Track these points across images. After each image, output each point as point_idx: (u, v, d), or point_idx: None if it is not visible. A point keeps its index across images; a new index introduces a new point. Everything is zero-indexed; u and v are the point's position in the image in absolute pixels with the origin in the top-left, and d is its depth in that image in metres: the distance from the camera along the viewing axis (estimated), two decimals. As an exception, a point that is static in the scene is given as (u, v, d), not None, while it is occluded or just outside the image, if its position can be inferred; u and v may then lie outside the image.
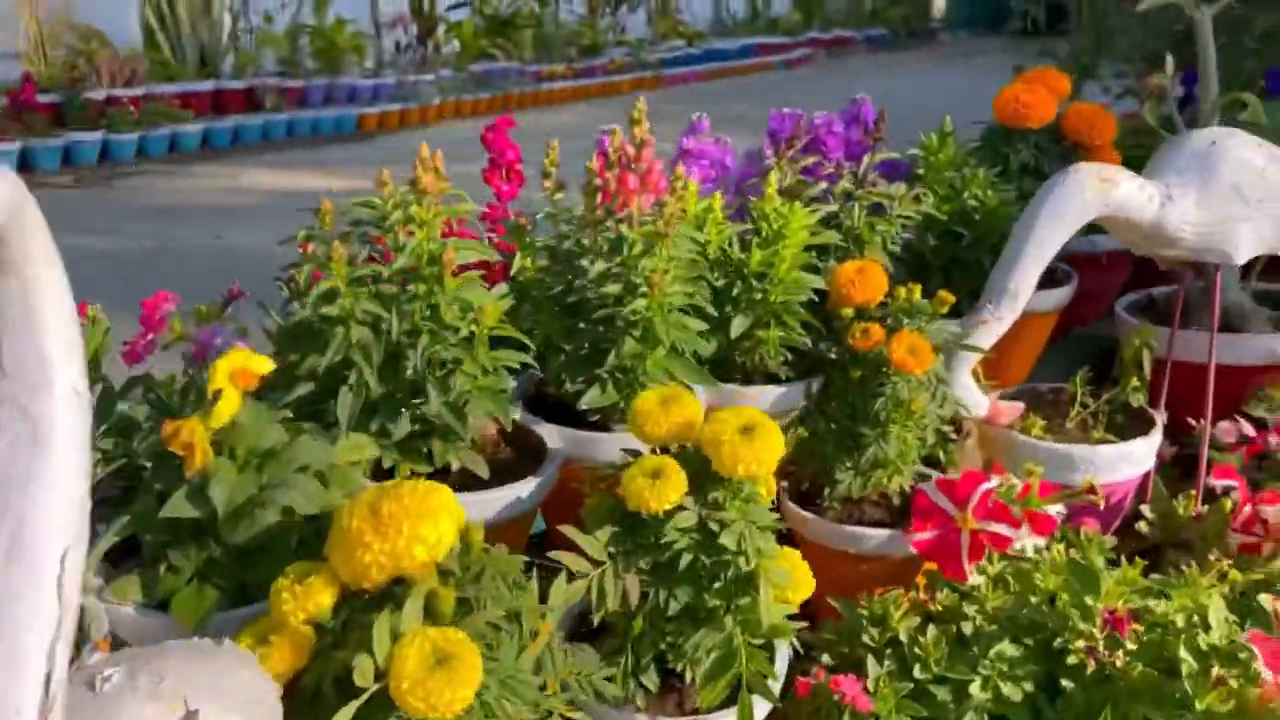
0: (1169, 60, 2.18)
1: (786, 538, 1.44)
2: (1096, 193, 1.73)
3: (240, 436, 1.10)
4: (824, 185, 1.88)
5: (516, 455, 1.47)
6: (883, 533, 1.60)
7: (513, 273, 1.48)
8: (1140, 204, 1.76)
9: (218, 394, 1.08)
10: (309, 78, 7.61)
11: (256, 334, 1.90)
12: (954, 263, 2.02)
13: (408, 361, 1.25)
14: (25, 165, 5.83)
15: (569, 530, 1.19)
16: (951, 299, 1.65)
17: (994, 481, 1.56)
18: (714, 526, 1.19)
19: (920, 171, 2.03)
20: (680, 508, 1.19)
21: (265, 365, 1.13)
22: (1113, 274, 2.45)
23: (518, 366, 1.36)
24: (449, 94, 8.24)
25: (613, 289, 1.43)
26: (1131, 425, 1.95)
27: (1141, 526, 1.98)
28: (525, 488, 1.33)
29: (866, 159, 1.91)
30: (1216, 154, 1.79)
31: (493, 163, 1.89)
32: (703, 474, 1.23)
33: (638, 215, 1.45)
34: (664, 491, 1.17)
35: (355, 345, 1.22)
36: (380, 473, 1.33)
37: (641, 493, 1.17)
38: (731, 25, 12.96)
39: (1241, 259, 1.82)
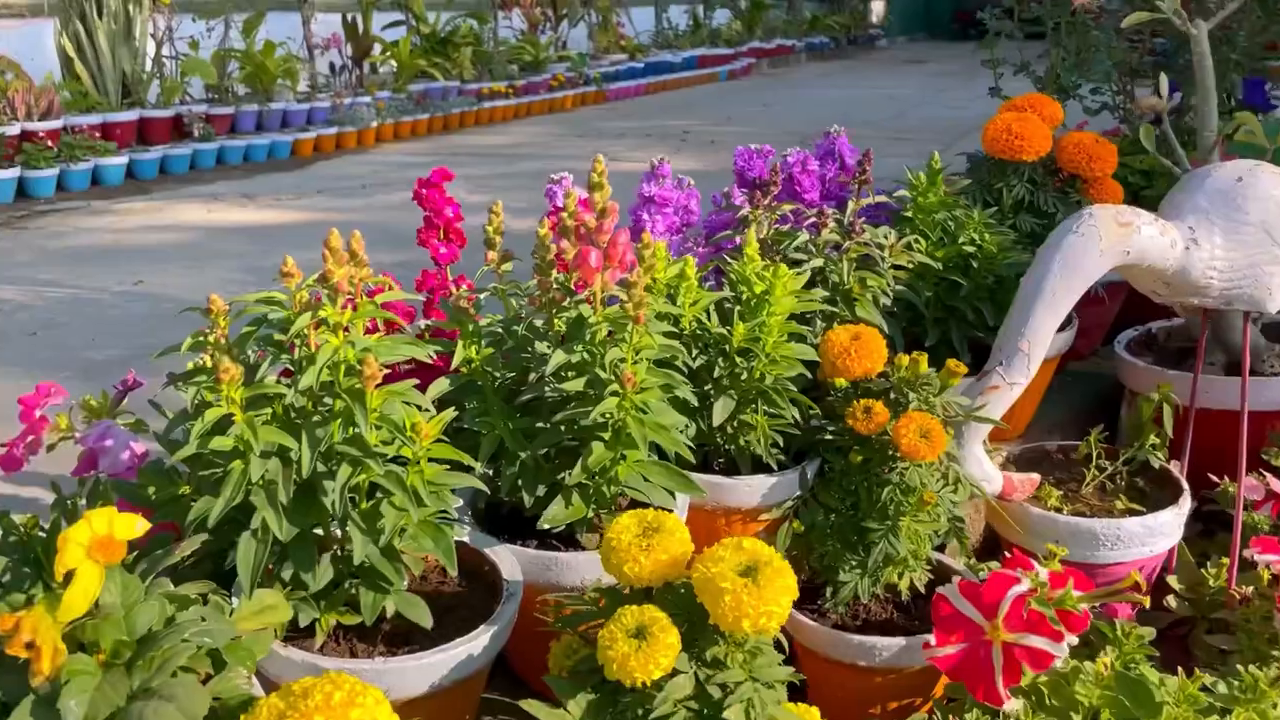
0: (1163, 79, 1.99)
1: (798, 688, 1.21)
2: (1115, 240, 1.53)
3: (104, 627, 0.85)
4: (804, 235, 1.67)
5: (465, 586, 1.23)
6: (896, 642, 1.39)
7: (455, 364, 1.24)
8: (1162, 249, 1.56)
9: (69, 577, 0.83)
10: (239, 104, 7.27)
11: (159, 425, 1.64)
12: (950, 314, 1.81)
13: (325, 496, 1.01)
14: (-68, 206, 5.46)
15: (533, 707, 0.95)
16: (963, 370, 1.43)
17: (1025, 584, 1.34)
18: (714, 693, 0.96)
19: (908, 213, 1.82)
20: (673, 671, 0.96)
21: (132, 527, 0.87)
22: (1108, 306, 2.26)
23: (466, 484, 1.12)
24: (387, 116, 7.95)
25: (575, 385, 1.19)
26: (1155, 490, 1.75)
27: (1170, 601, 1.79)
28: (477, 642, 1.09)
29: (851, 204, 1.69)
30: (1242, 191, 1.60)
31: (428, 222, 1.64)
32: (697, 624, 1.00)
33: (600, 295, 1.22)
34: (652, 657, 0.94)
35: (257, 484, 0.97)
36: (296, 629, 1.08)
37: (625, 661, 0.94)
38: (673, 37, 12.82)
39: (1275, 307, 1.63)
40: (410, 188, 1.60)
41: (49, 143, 6.11)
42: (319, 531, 1.09)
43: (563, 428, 1.22)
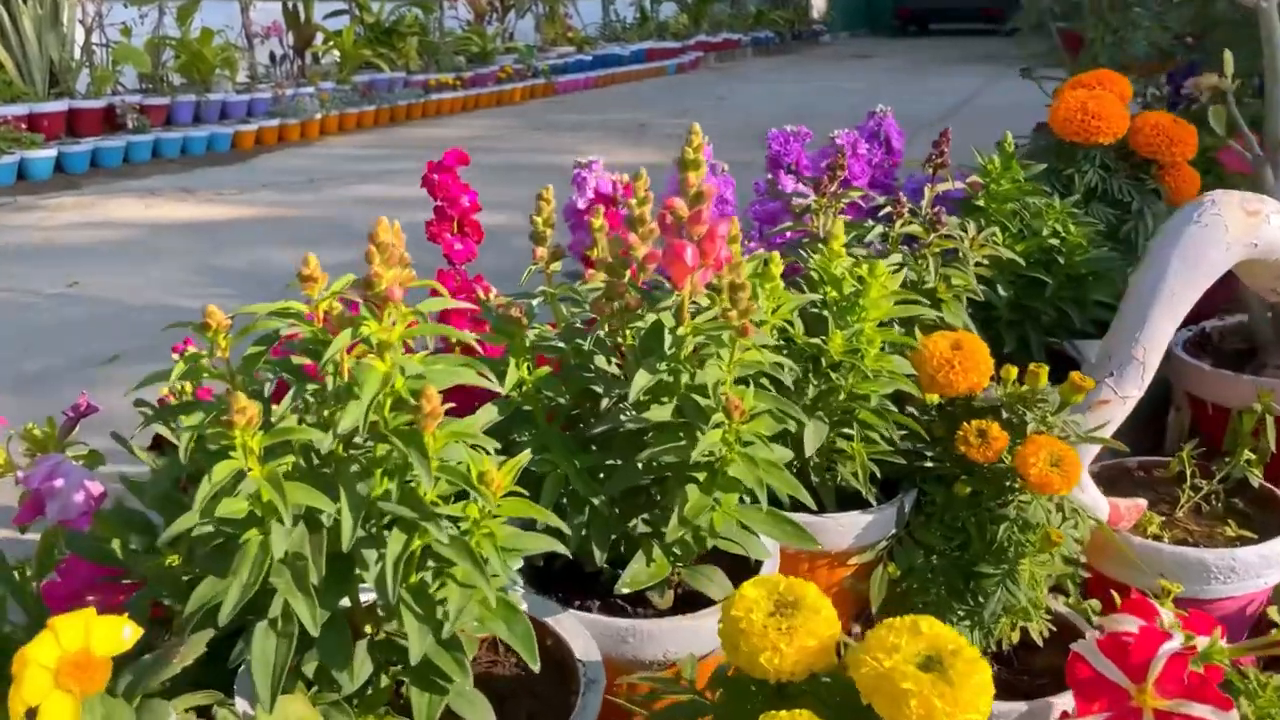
0: (1227, 56, 1.80)
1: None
2: (1242, 230, 1.33)
3: (79, 781, 0.59)
4: (879, 229, 1.44)
5: (520, 665, 0.98)
6: (1015, 707, 1.17)
7: (506, 390, 0.99)
8: (1292, 242, 1.37)
9: (32, 715, 0.57)
10: (175, 94, 6.87)
11: (117, 459, 1.36)
12: (1026, 316, 1.60)
13: (368, 571, 0.76)
14: None
15: None
16: (1090, 384, 1.22)
17: (1177, 640, 1.13)
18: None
19: (978, 202, 1.60)
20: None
21: (117, 637, 0.62)
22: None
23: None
24: (331, 107, 7.60)
25: (661, 413, 0.95)
26: (1258, 513, 1.56)
27: (1277, 635, 1.60)
28: (560, 754, 0.84)
29: (928, 190, 1.47)
30: (1374, 175, 1.42)
31: (440, 213, 1.39)
32: (858, 730, 0.77)
33: (687, 301, 0.98)
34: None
35: (280, 562, 0.72)
36: (326, 742, 0.83)
37: (784, 791, 0.70)
38: (620, 30, 12.62)
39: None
40: (360, 181, 1.35)
41: (-31, 134, 5.70)
42: (345, 603, 0.84)
43: (640, 464, 0.98)
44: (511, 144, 6.75)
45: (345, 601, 0.85)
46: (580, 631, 0.98)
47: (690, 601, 1.09)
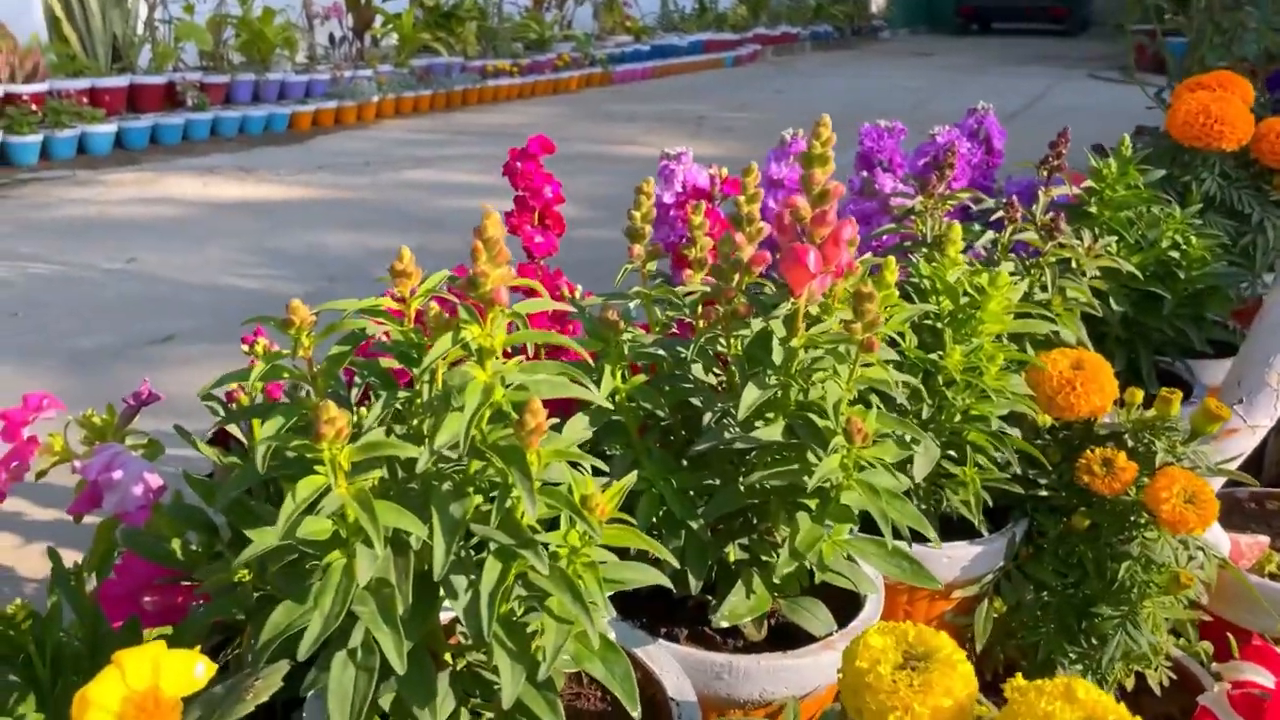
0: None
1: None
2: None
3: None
4: (989, 235, 1.34)
5: (607, 700, 0.90)
6: (1130, 761, 1.07)
7: (603, 394, 0.91)
8: None
9: (90, 768, 0.50)
10: (235, 73, 6.88)
11: (171, 443, 1.30)
12: (1137, 334, 1.49)
13: (456, 599, 0.68)
14: (-96, 171, 5.09)
15: None
16: (1226, 414, 1.11)
17: (1321, 700, 1.03)
18: None
19: (1092, 209, 1.50)
20: None
21: (189, 673, 0.55)
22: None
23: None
24: (388, 90, 7.58)
25: (771, 431, 0.86)
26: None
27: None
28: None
29: (1042, 195, 1.37)
30: None
31: (520, 203, 1.31)
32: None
33: (803, 310, 0.89)
34: None
35: (364, 589, 0.65)
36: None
37: None
38: (679, 20, 12.52)
39: None
40: (415, 166, 1.27)
41: (33, 107, 5.73)
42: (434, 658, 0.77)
43: (742, 487, 0.90)
44: (568, 133, 6.68)
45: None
46: (672, 666, 0.90)
47: (784, 634, 1.00)
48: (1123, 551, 1.09)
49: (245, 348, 0.94)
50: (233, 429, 1.10)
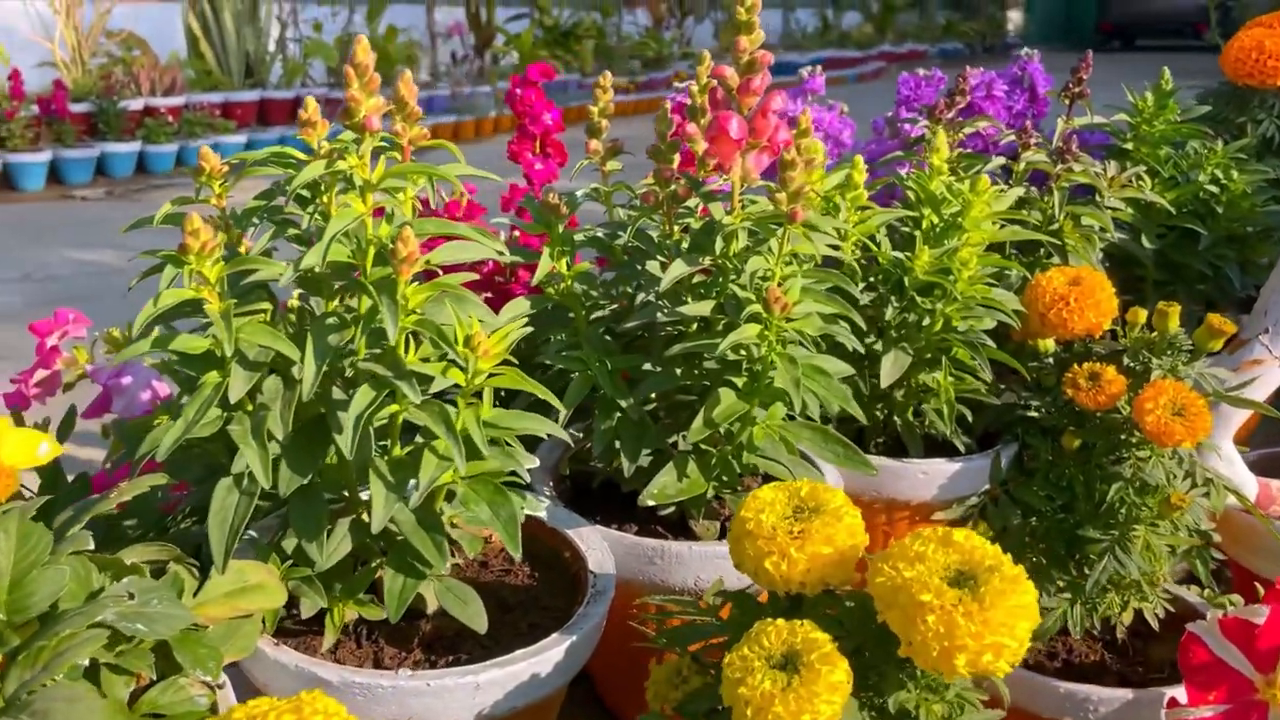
0: None
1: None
2: None
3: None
4: (998, 160, 1.29)
5: (539, 579, 0.90)
6: (1118, 695, 1.01)
7: (536, 280, 0.91)
8: None
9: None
10: (359, 88, 7.19)
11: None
12: (1176, 275, 1.41)
13: (338, 435, 0.69)
14: (55, 176, 5.47)
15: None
16: (1230, 328, 1.04)
17: (1321, 627, 0.95)
18: (899, 763, 0.61)
19: (1126, 144, 1.43)
20: (835, 724, 0.61)
21: (31, 450, 0.57)
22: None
23: (542, 436, 0.79)
24: (505, 107, 7.79)
25: (699, 308, 0.85)
26: None
27: None
28: (547, 656, 0.75)
29: (1061, 122, 1.31)
30: None
31: (522, 130, 1.33)
32: (874, 653, 0.65)
33: (739, 186, 0.88)
34: (807, 699, 0.59)
35: (240, 410, 0.67)
36: (297, 623, 0.77)
37: (765, 703, 0.59)
38: (800, 38, 12.47)
39: None
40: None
41: (170, 119, 6.09)
42: (343, 492, 0.78)
43: (678, 369, 0.89)
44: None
45: (343, 491, 0.79)
46: (599, 545, 0.89)
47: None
48: (1113, 472, 1.03)
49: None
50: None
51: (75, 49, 6.36)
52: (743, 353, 0.84)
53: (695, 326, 0.88)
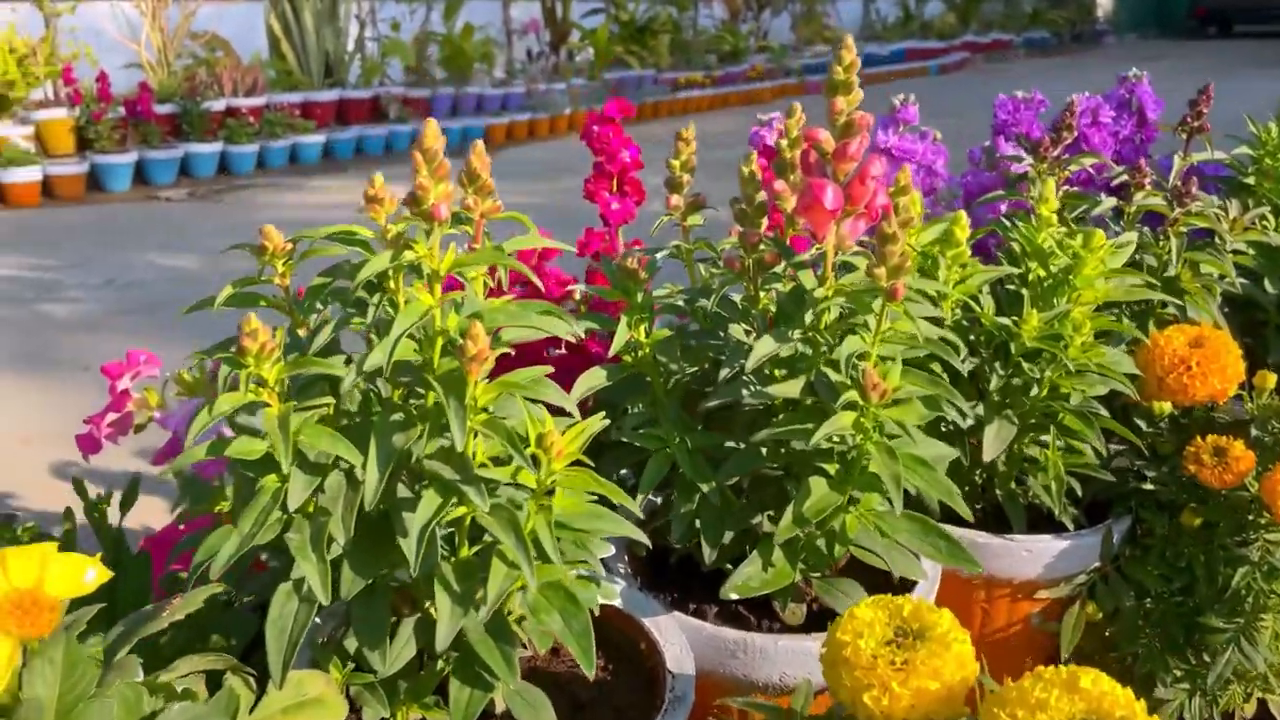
0: None
1: None
2: None
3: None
4: (1108, 202, 1.20)
5: (612, 671, 0.85)
6: (1243, 800, 0.92)
7: (613, 352, 0.86)
8: None
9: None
10: (435, 87, 7.23)
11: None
12: (1303, 322, 1.30)
13: (402, 540, 0.65)
14: (140, 177, 5.58)
15: None
16: (1376, 400, 0.95)
17: None
18: None
19: (1247, 179, 1.32)
20: None
21: (78, 579, 0.53)
22: None
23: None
24: (581, 103, 7.76)
25: (788, 388, 0.79)
26: None
27: None
28: (620, 781, 0.70)
29: (1177, 159, 1.22)
30: None
31: (599, 169, 1.28)
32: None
33: (833, 255, 0.81)
34: None
35: (300, 515, 0.62)
36: (359, 729, 0.73)
37: None
38: (880, 29, 12.23)
39: None
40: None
41: (251, 119, 6.18)
42: (401, 584, 0.74)
43: (764, 451, 0.83)
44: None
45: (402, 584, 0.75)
46: (678, 639, 0.83)
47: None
48: (1239, 555, 0.95)
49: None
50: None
51: (161, 50, 6.48)
52: (836, 441, 0.78)
53: (784, 410, 0.82)
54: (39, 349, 2.87)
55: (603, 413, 0.69)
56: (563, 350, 1.02)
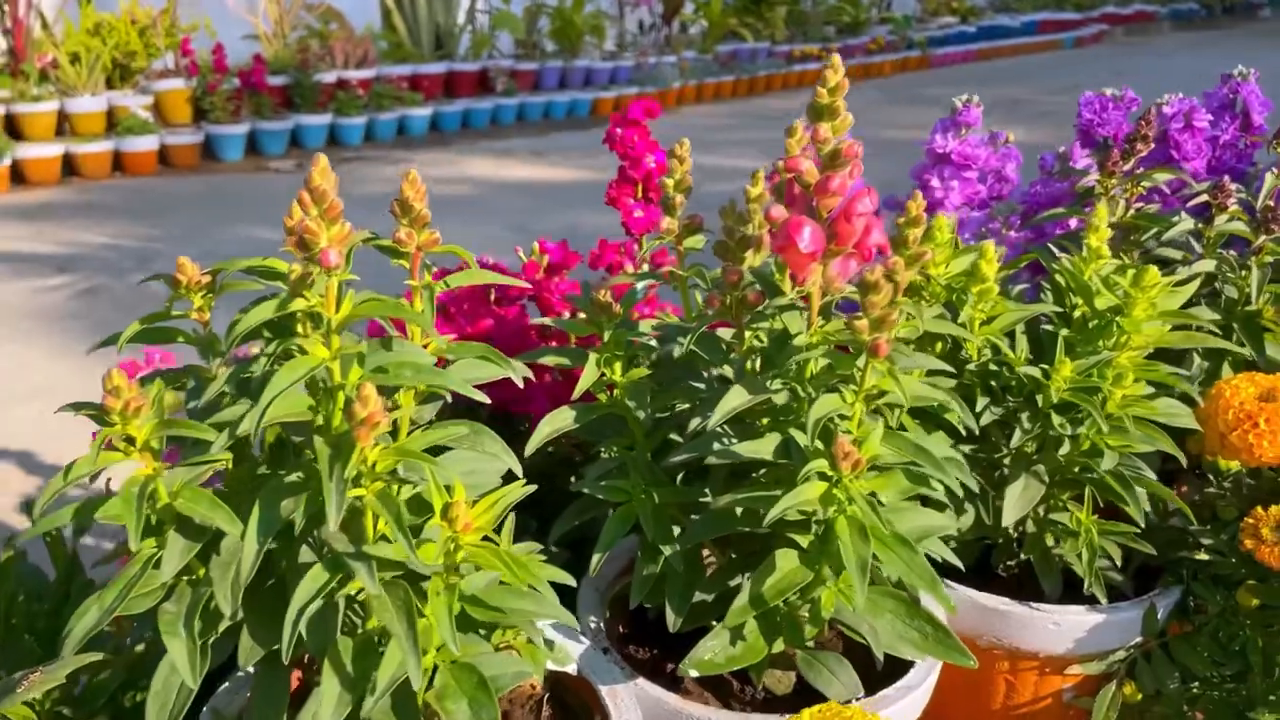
0: None
1: None
2: None
3: None
4: (1185, 224, 1.07)
5: (564, 738, 0.78)
6: None
7: (577, 394, 0.78)
8: None
9: None
10: (544, 60, 7.19)
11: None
12: None
13: (292, 614, 0.59)
14: (252, 147, 5.71)
15: None
16: None
17: None
18: None
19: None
20: None
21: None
22: None
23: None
24: (690, 77, 7.62)
25: (761, 447, 0.70)
26: None
27: None
28: None
29: (1270, 177, 1.07)
30: None
31: (622, 174, 1.20)
32: None
33: (818, 298, 0.72)
34: None
35: (186, 582, 0.57)
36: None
37: None
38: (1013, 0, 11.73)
39: None
40: (700, 150, 1.16)
41: (360, 91, 6.25)
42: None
43: (739, 513, 0.74)
44: (862, 118, 6.39)
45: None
46: (633, 715, 0.76)
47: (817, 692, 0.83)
48: (1303, 647, 0.82)
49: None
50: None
51: (278, 23, 6.61)
52: (807, 513, 0.69)
53: (757, 464, 0.73)
54: (121, 326, 2.95)
55: (523, 480, 0.61)
56: (552, 380, 0.95)
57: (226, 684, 0.73)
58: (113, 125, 5.17)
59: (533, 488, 0.64)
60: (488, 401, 0.62)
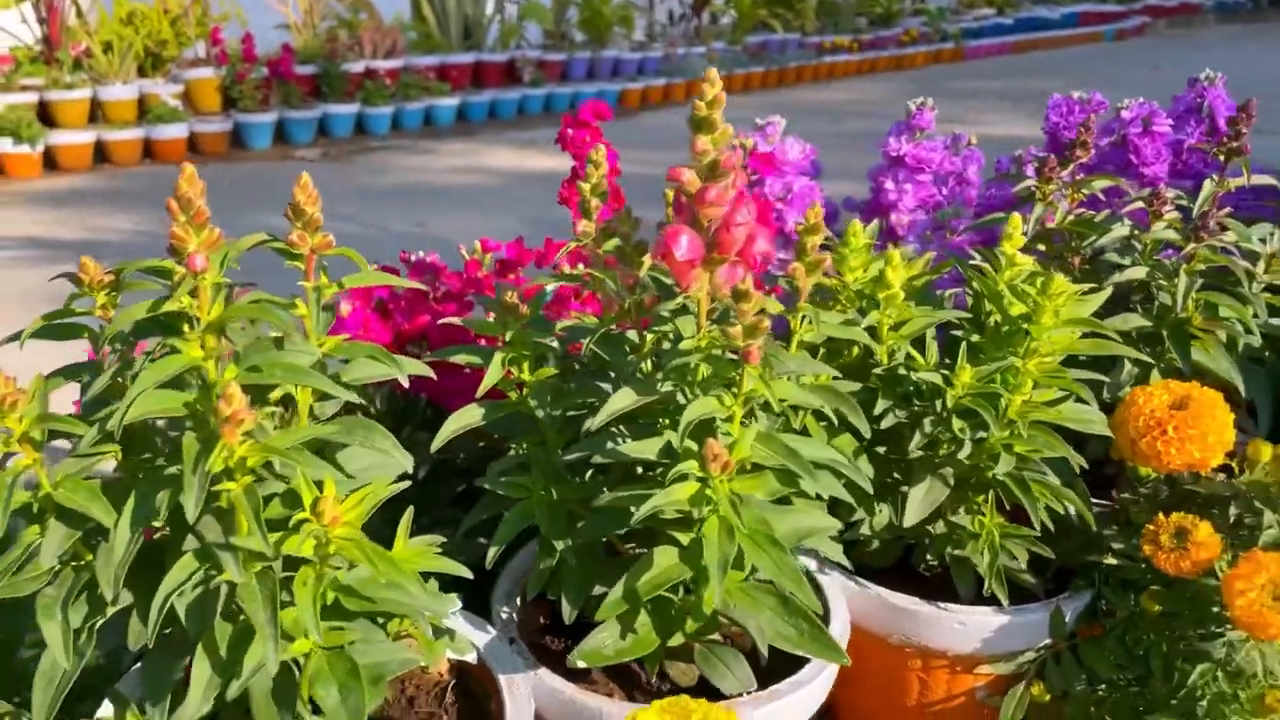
0: None
1: None
2: None
3: None
4: (1119, 230, 1.07)
5: (462, 718, 0.81)
6: None
7: (480, 393, 0.80)
8: None
9: None
10: (572, 51, 7.21)
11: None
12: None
13: (158, 601, 0.62)
14: (280, 136, 5.78)
15: None
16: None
17: None
18: None
19: (1308, 205, 1.15)
20: None
21: None
22: None
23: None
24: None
25: (645, 448, 0.72)
26: None
27: None
28: None
29: (1209, 184, 1.07)
30: None
31: (574, 175, 1.22)
32: None
33: (705, 305, 0.73)
34: None
35: (70, 568, 0.60)
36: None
37: None
38: (1054, -11, 11.57)
39: None
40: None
41: (388, 81, 6.30)
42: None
43: (633, 510, 0.76)
44: (890, 110, 6.36)
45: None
46: (525, 704, 0.78)
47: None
48: (1200, 650, 0.83)
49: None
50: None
51: (308, 12, 6.68)
52: (684, 511, 0.71)
53: (643, 463, 0.75)
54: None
55: (393, 480, 0.64)
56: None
57: (136, 667, 0.76)
58: (144, 113, 5.27)
59: (405, 484, 0.67)
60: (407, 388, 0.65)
